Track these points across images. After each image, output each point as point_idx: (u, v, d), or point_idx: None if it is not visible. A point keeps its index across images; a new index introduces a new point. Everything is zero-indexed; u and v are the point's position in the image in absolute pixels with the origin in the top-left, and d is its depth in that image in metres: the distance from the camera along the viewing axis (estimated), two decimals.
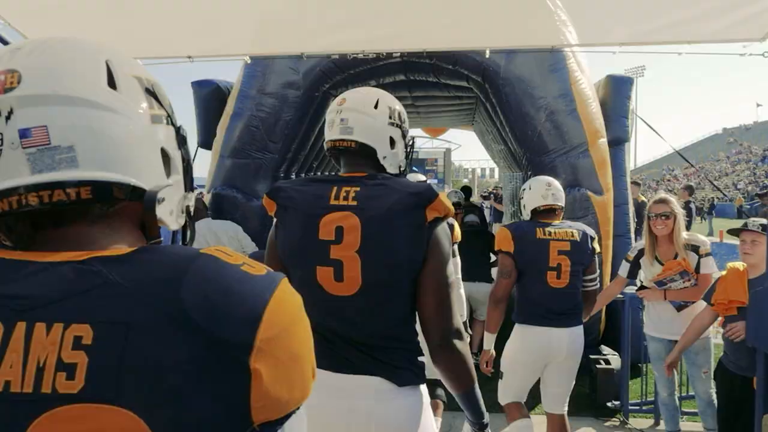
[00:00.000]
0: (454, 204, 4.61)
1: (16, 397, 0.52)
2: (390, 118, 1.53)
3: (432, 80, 5.29)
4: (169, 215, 0.70)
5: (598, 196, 4.60)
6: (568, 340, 2.83)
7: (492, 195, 13.02)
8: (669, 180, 57.15)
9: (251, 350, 0.56)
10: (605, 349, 4.85)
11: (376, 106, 1.52)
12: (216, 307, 0.56)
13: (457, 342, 1.39)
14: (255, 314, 0.57)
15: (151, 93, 0.69)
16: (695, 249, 3.27)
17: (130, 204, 0.65)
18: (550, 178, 3.00)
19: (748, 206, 32.58)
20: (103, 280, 0.56)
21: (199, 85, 5.63)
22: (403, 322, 1.43)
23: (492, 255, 5.05)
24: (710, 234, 19.08)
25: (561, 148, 4.63)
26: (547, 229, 2.82)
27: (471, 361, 1.43)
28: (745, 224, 2.97)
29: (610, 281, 4.44)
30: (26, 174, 0.58)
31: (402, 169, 1.60)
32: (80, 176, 0.60)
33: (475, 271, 4.79)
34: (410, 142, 1.64)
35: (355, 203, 1.42)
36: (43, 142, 0.59)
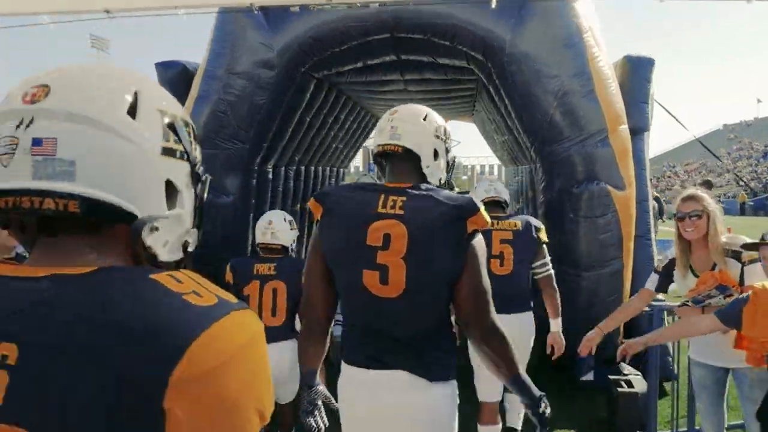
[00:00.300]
0: None
1: None
2: (436, 131, 1.70)
3: (426, 60, 4.64)
4: (162, 246, 0.70)
5: (620, 191, 3.97)
6: (518, 325, 2.92)
7: None
8: (670, 177, 56.58)
9: (164, 389, 0.53)
10: (626, 368, 4.22)
11: (424, 119, 1.70)
12: (136, 339, 0.54)
13: (494, 337, 1.55)
14: (175, 349, 0.54)
15: (172, 128, 0.71)
16: (737, 255, 2.64)
17: (122, 226, 0.67)
18: (494, 178, 3.67)
19: (752, 203, 32.12)
20: (42, 299, 0.58)
21: (164, 67, 4.99)
22: (440, 323, 1.59)
23: None
24: None
25: (576, 136, 3.98)
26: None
27: (511, 350, 1.57)
28: (763, 237, 2.39)
29: (632, 293, 3.84)
30: (27, 178, 0.62)
31: (442, 183, 1.72)
32: (71, 189, 0.62)
33: None
34: (452, 161, 1.80)
35: (402, 212, 1.56)
36: (50, 153, 0.62)
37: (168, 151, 0.70)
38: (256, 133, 4.44)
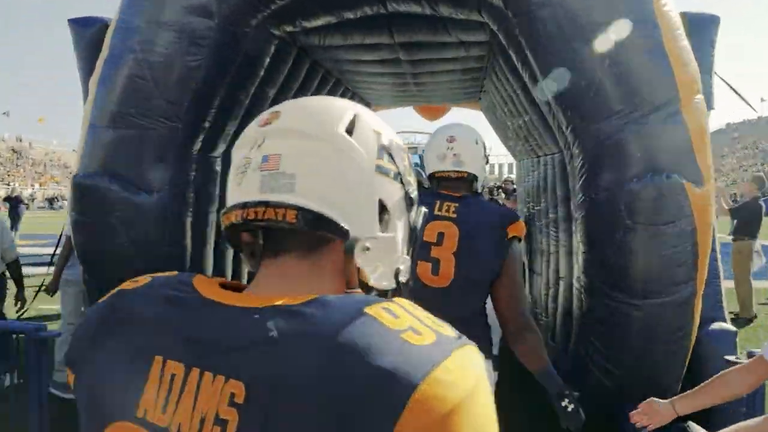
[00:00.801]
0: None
1: None
2: (484, 151, 2.09)
3: (425, 12, 3.45)
4: (374, 270, 0.72)
5: (697, 188, 2.78)
6: None
7: (500, 190, 9.91)
8: None
9: None
10: (694, 428, 3.06)
11: (477, 142, 2.06)
12: (358, 387, 0.53)
13: (528, 329, 1.88)
14: (397, 400, 0.52)
15: (387, 149, 0.74)
16: None
17: (336, 246, 0.69)
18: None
19: None
20: (266, 335, 0.58)
21: (79, 25, 3.81)
22: (481, 311, 1.92)
23: None
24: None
25: (635, 110, 2.79)
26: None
27: (541, 345, 1.90)
28: None
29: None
30: (255, 193, 0.68)
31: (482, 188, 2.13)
32: (290, 200, 0.67)
33: None
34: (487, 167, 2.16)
35: (455, 216, 1.91)
36: (275, 168, 0.68)
37: (382, 170, 0.73)
38: (191, 108, 3.24)
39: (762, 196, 7.40)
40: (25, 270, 4.95)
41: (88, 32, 3.75)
